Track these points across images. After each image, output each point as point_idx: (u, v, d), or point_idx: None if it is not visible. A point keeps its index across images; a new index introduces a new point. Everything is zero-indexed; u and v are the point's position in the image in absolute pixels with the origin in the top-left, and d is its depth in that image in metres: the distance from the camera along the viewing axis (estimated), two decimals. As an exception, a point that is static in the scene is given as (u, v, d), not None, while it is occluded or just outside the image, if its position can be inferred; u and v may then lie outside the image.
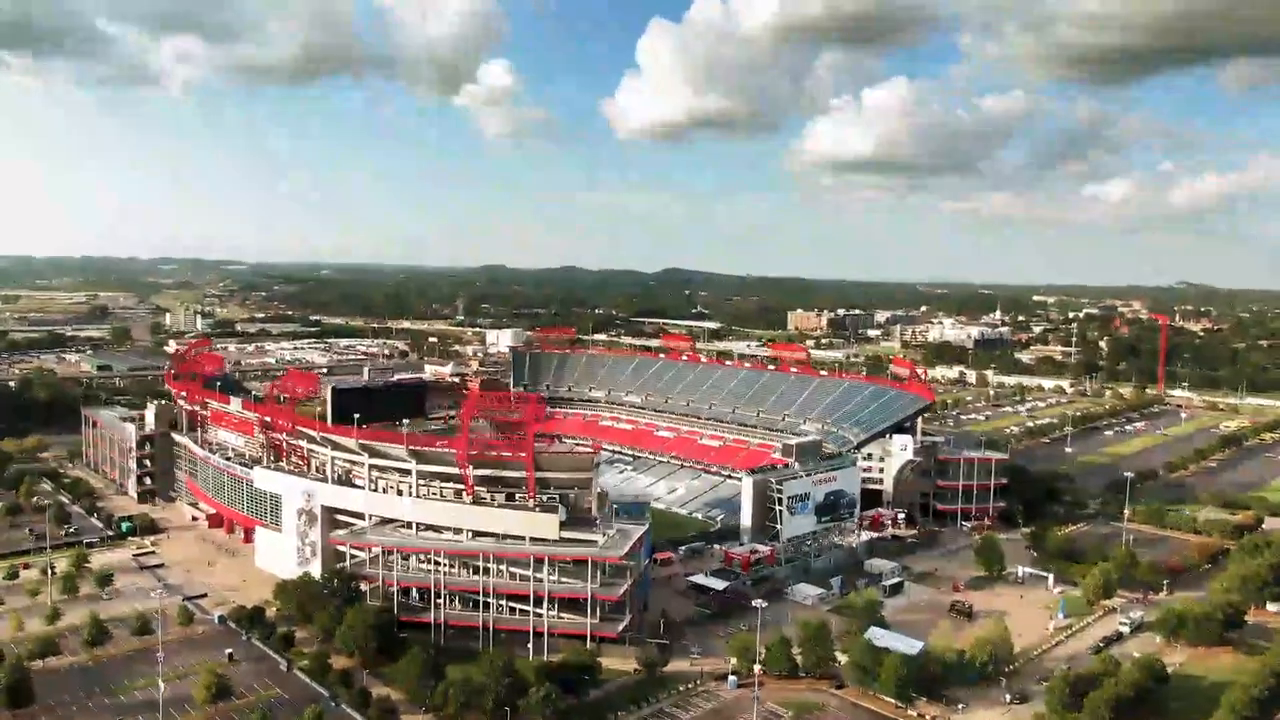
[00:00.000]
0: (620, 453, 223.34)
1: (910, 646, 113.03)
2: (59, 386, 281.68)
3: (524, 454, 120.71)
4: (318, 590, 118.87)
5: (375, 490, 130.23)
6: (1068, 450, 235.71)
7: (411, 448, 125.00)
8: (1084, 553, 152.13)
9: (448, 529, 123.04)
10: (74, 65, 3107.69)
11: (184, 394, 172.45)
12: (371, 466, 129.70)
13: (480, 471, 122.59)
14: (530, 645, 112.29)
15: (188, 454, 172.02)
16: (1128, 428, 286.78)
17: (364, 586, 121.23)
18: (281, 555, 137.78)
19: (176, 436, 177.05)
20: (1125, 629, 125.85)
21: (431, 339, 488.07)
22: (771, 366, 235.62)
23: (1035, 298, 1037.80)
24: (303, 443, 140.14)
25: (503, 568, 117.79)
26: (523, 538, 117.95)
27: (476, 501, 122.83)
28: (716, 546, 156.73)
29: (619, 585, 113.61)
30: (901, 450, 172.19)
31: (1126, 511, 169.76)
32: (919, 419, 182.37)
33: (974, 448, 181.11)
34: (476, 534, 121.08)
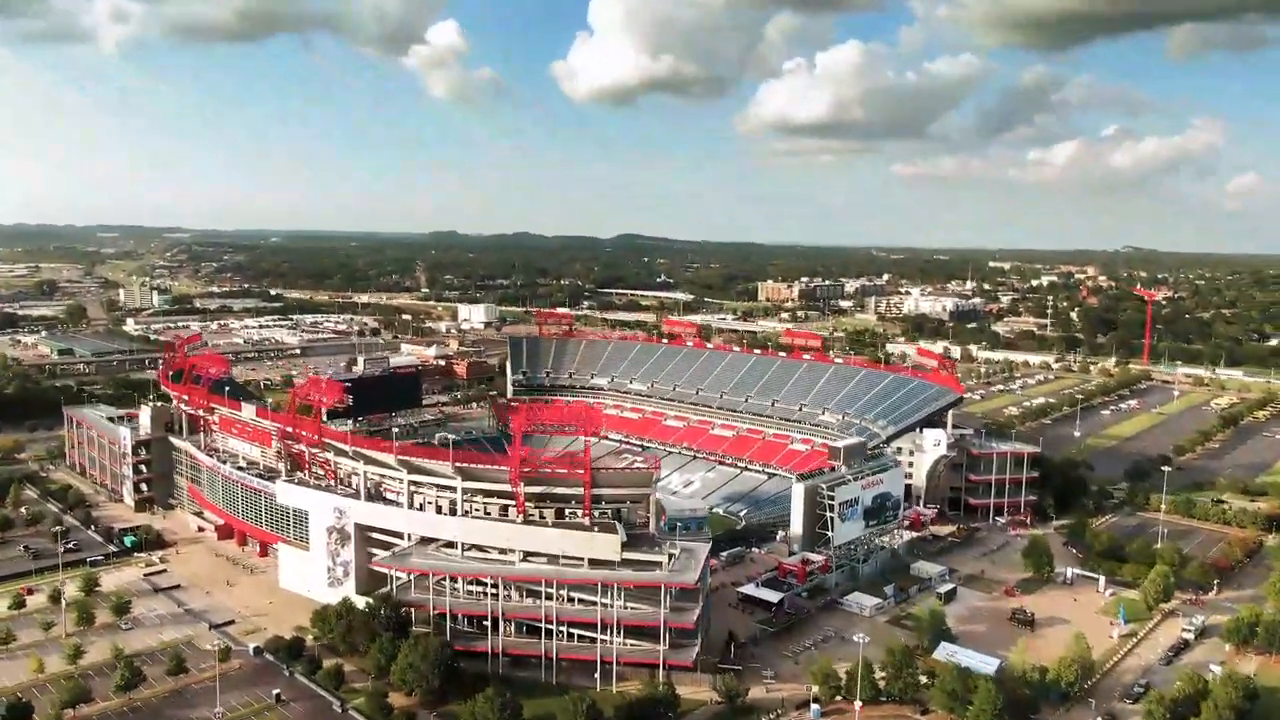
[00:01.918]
0: (628, 443, 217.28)
1: (987, 664, 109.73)
2: (27, 376, 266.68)
3: (581, 471, 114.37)
4: (364, 619, 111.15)
5: (414, 507, 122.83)
6: (1076, 434, 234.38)
7: (458, 464, 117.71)
8: (1125, 549, 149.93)
9: (495, 549, 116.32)
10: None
11: (184, 397, 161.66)
12: (410, 483, 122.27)
13: (531, 489, 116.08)
14: (598, 675, 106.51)
15: (190, 460, 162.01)
16: (1122, 406, 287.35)
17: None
18: (309, 575, 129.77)
19: (175, 441, 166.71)
20: (1190, 635, 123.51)
21: (405, 316, 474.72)
22: (783, 354, 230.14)
23: (992, 264, 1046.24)
24: (329, 454, 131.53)
25: (563, 592, 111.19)
26: (580, 559, 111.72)
27: (528, 521, 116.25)
28: (755, 550, 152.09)
29: (691, 610, 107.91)
30: (935, 446, 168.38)
31: (1163, 506, 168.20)
32: (949, 412, 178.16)
33: (1004, 440, 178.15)
34: (528, 555, 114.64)
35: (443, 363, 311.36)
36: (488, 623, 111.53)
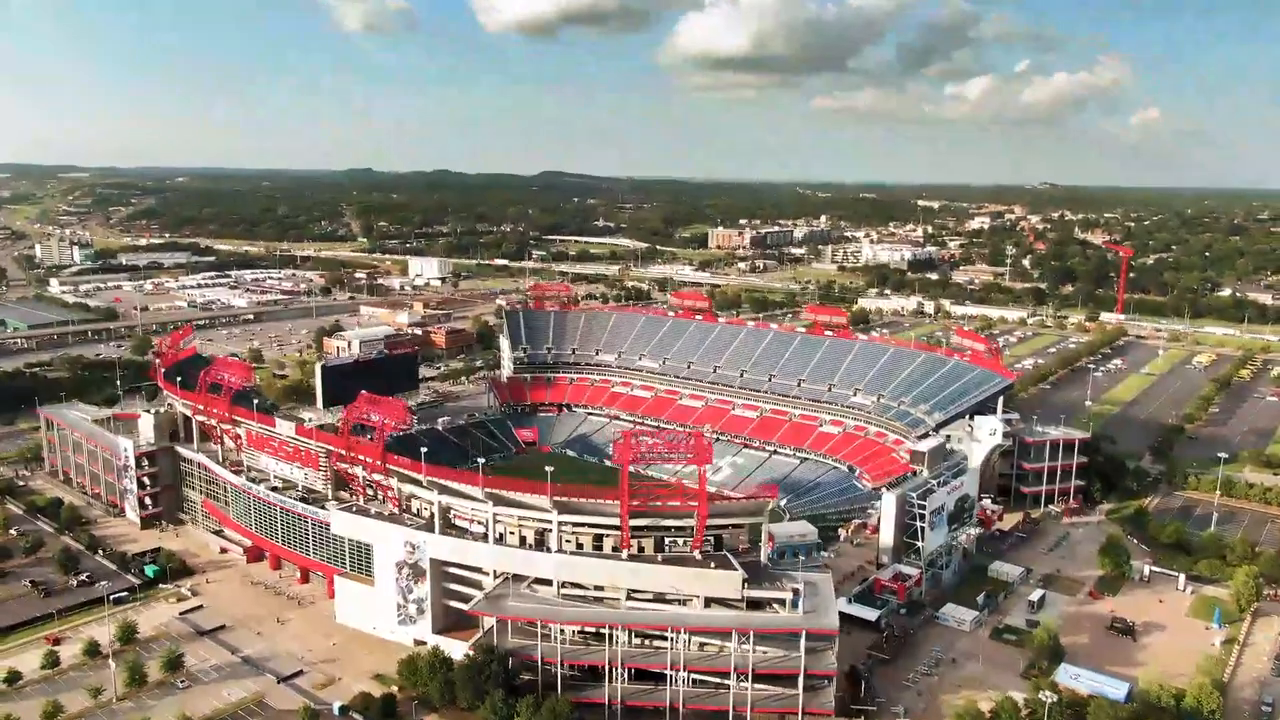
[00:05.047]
0: (641, 424, 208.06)
1: (1115, 687, 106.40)
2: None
3: (695, 502, 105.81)
4: (470, 674, 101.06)
5: (500, 540, 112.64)
6: (1088, 404, 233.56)
7: (556, 499, 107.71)
8: (1190, 541, 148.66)
9: (594, 587, 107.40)
10: None
11: (200, 406, 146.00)
12: (495, 516, 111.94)
13: (637, 522, 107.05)
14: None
15: (205, 474, 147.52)
16: (1109, 366, 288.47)
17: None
18: (375, 612, 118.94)
19: (185, 451, 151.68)
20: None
21: (357, 275, 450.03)
22: (801, 329, 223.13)
23: (921, 203, 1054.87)
24: (393, 480, 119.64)
25: (682, 637, 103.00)
26: (693, 597, 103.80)
27: (634, 556, 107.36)
28: (824, 554, 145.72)
29: (827, 653, 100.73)
30: (990, 435, 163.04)
31: (1217, 492, 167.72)
32: (999, 399, 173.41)
33: (1053, 425, 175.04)
34: (631, 593, 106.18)
35: (418, 332, 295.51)
36: (586, 666, 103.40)
